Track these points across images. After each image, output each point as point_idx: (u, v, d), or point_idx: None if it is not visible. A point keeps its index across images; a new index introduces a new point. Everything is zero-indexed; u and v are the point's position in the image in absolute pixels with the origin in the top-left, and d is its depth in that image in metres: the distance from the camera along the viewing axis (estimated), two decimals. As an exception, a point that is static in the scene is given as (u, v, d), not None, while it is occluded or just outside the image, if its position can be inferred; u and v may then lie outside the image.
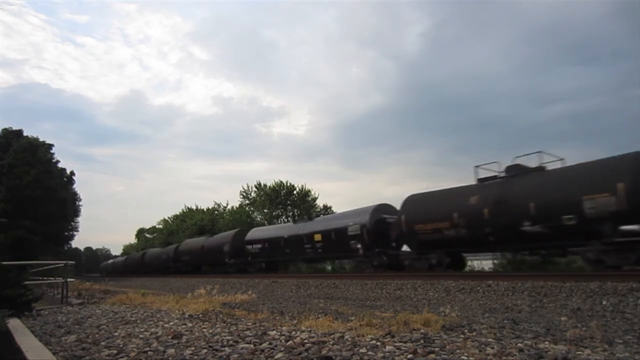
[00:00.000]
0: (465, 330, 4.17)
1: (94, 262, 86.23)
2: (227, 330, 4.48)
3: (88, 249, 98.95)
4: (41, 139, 33.34)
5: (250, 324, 5.00)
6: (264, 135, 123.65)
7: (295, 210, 36.06)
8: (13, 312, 6.06)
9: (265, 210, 36.66)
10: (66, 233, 37.29)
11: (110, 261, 63.12)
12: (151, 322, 5.51)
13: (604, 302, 7.16)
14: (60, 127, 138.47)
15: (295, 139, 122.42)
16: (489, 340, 3.62)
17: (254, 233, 24.38)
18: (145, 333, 4.62)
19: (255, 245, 23.25)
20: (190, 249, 31.30)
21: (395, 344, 3.41)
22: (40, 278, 14.06)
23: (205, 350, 3.52)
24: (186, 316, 5.92)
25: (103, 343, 4.17)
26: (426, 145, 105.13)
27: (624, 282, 7.84)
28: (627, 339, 3.94)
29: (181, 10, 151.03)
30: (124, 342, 4.10)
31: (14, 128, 33.48)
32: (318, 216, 26.33)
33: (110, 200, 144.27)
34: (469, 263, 17.70)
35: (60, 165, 34.70)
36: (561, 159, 12.80)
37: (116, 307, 8.06)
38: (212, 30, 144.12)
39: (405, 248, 16.34)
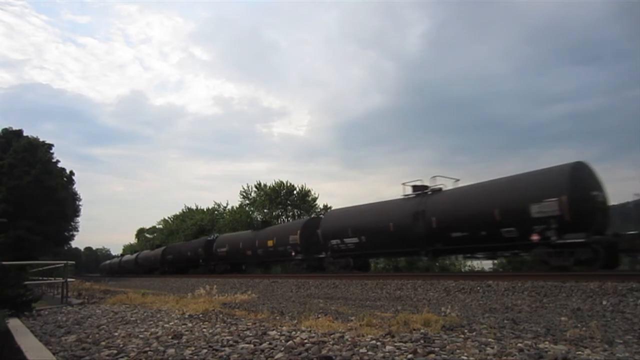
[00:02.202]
0: (465, 330, 4.17)
1: (93, 262, 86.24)
2: (227, 330, 4.48)
3: (88, 249, 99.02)
4: (42, 139, 33.32)
5: (250, 324, 5.00)
6: (265, 135, 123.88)
7: (295, 210, 36.04)
8: (13, 312, 6.05)
9: (265, 210, 36.64)
10: (66, 233, 37.22)
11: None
12: (151, 322, 5.51)
13: (604, 302, 7.16)
14: (61, 128, 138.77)
15: (295, 139, 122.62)
16: (489, 340, 3.62)
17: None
18: (145, 333, 4.62)
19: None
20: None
21: (395, 344, 3.41)
22: (40, 278, 14.07)
23: (205, 350, 3.52)
24: (186, 316, 5.92)
25: (103, 343, 4.17)
26: (426, 145, 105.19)
27: (624, 282, 7.84)
28: (627, 339, 3.94)
29: (182, 11, 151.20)
30: (124, 342, 4.10)
31: (15, 128, 33.47)
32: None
33: (110, 200, 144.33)
34: (469, 263, 17.98)
35: (60, 165, 34.64)
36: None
37: (116, 307, 8.06)
38: (213, 30, 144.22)
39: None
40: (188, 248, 31.55)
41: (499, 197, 12.35)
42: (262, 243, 22.63)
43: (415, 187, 15.80)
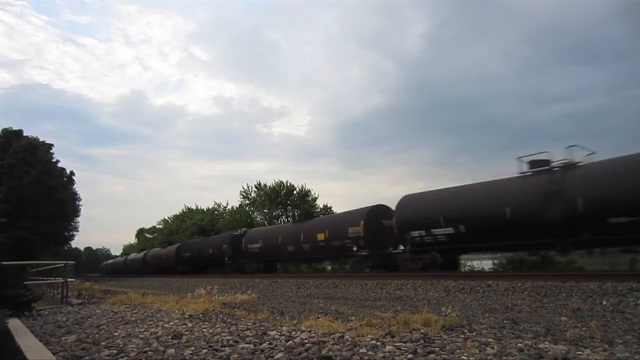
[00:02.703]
0: (465, 330, 4.17)
1: (93, 262, 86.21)
2: (227, 330, 4.48)
3: (88, 249, 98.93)
4: (42, 139, 33.35)
5: (250, 324, 5.00)
6: (265, 135, 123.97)
7: (295, 210, 36.04)
8: (13, 312, 6.05)
9: (265, 210, 36.64)
10: (66, 233, 37.23)
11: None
12: (151, 322, 5.51)
13: (604, 302, 7.16)
14: (61, 128, 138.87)
15: (295, 139, 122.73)
16: (489, 340, 3.62)
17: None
18: (145, 333, 4.62)
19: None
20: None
21: (395, 344, 3.40)
22: (40, 278, 14.06)
23: (205, 350, 3.52)
24: (186, 316, 5.92)
25: (103, 343, 4.17)
26: (426, 145, 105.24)
27: (624, 282, 7.85)
28: (627, 339, 3.94)
29: (182, 11, 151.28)
30: (124, 342, 4.10)
31: (15, 128, 33.47)
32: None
33: (110, 200, 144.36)
34: (469, 263, 17.81)
35: (60, 165, 34.67)
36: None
37: (116, 307, 8.06)
38: (213, 31, 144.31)
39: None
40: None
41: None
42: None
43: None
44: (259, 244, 23.26)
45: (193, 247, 31.34)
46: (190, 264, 30.82)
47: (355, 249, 17.00)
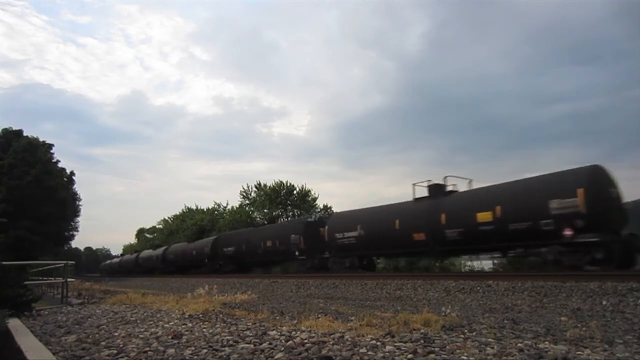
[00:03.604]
0: (465, 330, 4.17)
1: (93, 262, 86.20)
2: (227, 330, 4.48)
3: (88, 249, 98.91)
4: (42, 139, 33.29)
5: (250, 324, 5.00)
6: (265, 135, 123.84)
7: (295, 210, 36.04)
8: (13, 312, 6.05)
9: (265, 210, 36.65)
10: (66, 233, 37.19)
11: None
12: (151, 322, 5.51)
13: (604, 302, 7.16)
14: (61, 128, 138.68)
15: (295, 139, 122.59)
16: (489, 340, 3.62)
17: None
18: (145, 333, 4.62)
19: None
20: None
21: (395, 344, 3.40)
22: (40, 278, 14.06)
23: (205, 350, 3.52)
24: (186, 316, 5.92)
25: (103, 343, 4.17)
26: (426, 145, 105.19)
27: (624, 282, 7.84)
28: (627, 339, 3.94)
29: (182, 11, 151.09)
30: (124, 342, 4.10)
31: (15, 128, 33.45)
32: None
33: (110, 200, 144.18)
34: (469, 263, 18.01)
35: (60, 165, 34.61)
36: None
37: (116, 307, 8.06)
38: (213, 31, 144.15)
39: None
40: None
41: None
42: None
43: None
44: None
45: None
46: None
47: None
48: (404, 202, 16.44)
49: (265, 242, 22.43)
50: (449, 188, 15.44)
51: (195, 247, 30.85)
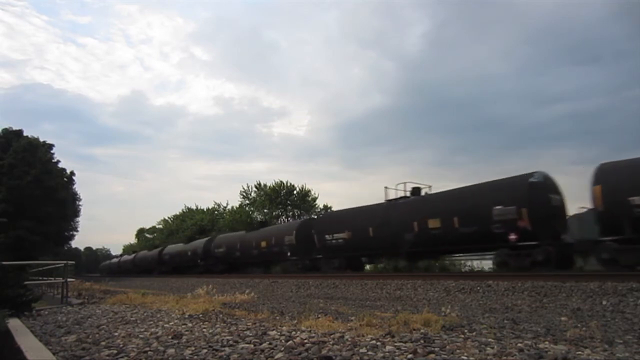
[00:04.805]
0: (465, 330, 4.17)
1: (93, 262, 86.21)
2: (227, 330, 4.48)
3: (88, 249, 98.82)
4: (42, 139, 33.28)
5: (250, 324, 5.00)
6: (265, 135, 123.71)
7: (295, 210, 36.04)
8: (13, 312, 6.05)
9: (265, 210, 36.65)
10: (66, 233, 37.18)
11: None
12: (151, 322, 5.51)
13: (604, 302, 7.16)
14: (61, 128, 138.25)
15: (295, 139, 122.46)
16: (489, 340, 3.62)
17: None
18: (145, 333, 4.62)
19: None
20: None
21: (395, 344, 3.40)
22: (40, 278, 14.06)
23: (205, 350, 3.52)
24: (186, 316, 5.92)
25: (103, 343, 4.17)
26: (426, 145, 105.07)
27: (624, 282, 7.85)
28: (627, 339, 3.94)
29: (183, 11, 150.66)
30: (124, 342, 4.10)
31: (15, 128, 33.44)
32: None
33: (110, 200, 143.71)
34: (469, 263, 18.06)
35: (61, 165, 34.59)
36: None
37: (116, 307, 8.06)
38: (213, 31, 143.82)
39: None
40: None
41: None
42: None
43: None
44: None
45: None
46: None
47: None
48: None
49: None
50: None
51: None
